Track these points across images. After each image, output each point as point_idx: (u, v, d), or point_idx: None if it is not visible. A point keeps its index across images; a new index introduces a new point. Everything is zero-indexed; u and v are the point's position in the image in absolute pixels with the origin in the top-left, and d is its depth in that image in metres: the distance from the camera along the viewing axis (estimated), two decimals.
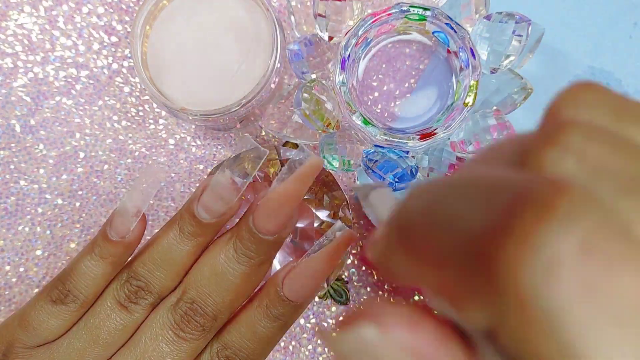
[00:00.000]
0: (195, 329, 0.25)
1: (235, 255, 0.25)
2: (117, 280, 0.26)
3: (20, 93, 0.38)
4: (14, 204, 0.38)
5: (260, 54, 0.32)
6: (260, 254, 0.25)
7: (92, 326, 0.26)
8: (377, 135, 0.31)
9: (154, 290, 0.26)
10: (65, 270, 0.26)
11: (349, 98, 0.31)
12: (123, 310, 0.26)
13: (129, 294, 0.26)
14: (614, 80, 0.37)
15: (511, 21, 0.31)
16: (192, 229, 0.25)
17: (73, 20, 0.38)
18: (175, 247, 0.26)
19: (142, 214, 0.26)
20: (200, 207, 0.25)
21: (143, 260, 0.26)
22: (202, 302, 0.25)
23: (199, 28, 0.33)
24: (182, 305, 0.25)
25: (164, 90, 0.33)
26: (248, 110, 0.33)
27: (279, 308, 0.26)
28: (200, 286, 0.25)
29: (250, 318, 0.26)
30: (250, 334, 0.26)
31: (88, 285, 0.26)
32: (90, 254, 0.26)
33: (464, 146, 0.32)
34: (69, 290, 0.26)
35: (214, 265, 0.25)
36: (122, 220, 0.26)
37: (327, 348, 0.30)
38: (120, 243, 0.26)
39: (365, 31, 0.31)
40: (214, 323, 0.26)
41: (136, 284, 0.26)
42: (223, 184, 0.25)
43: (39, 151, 0.38)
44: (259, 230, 0.25)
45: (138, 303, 0.26)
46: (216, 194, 0.25)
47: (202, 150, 0.38)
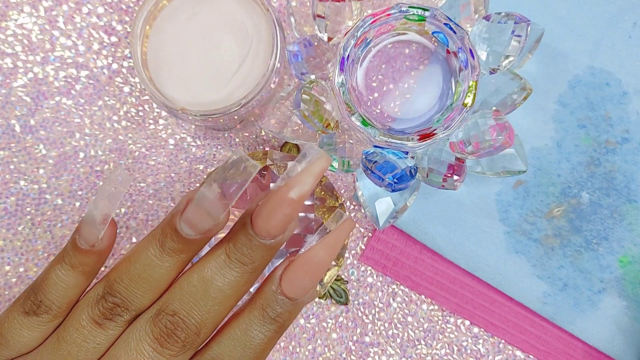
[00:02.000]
0: (175, 344, 0.23)
1: (227, 261, 0.24)
2: (91, 295, 0.25)
3: (20, 93, 0.38)
4: (14, 204, 0.38)
5: (260, 54, 0.32)
6: (254, 260, 0.24)
7: (64, 342, 0.24)
8: (377, 135, 0.31)
9: (131, 307, 0.24)
10: (37, 280, 0.25)
11: (348, 99, 0.31)
12: (97, 327, 0.24)
13: (104, 310, 0.24)
14: (614, 80, 0.37)
15: (510, 21, 0.31)
16: (173, 245, 0.24)
17: (73, 20, 0.38)
18: (155, 264, 0.24)
19: (110, 220, 0.25)
20: (184, 222, 0.23)
21: (120, 275, 0.24)
22: (185, 314, 0.23)
23: (199, 28, 0.33)
24: (162, 318, 0.24)
25: (164, 90, 0.33)
26: (248, 110, 0.33)
27: (276, 308, 0.24)
28: (185, 295, 0.24)
29: (245, 323, 0.24)
30: (244, 341, 0.24)
31: (60, 296, 0.25)
32: (60, 263, 0.25)
33: (463, 147, 0.32)
34: (40, 301, 0.24)
35: (203, 272, 0.24)
36: (90, 229, 0.24)
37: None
38: (90, 252, 0.25)
39: (364, 32, 0.31)
40: (196, 338, 0.24)
41: (112, 300, 0.24)
42: (210, 199, 0.23)
43: (39, 151, 0.38)
44: (258, 232, 0.23)
45: (113, 320, 0.24)
46: (202, 209, 0.23)
47: (202, 150, 0.38)
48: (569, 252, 0.37)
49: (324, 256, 0.24)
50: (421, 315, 0.39)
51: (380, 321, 0.38)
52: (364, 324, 0.38)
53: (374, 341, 0.38)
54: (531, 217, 0.37)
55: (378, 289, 0.39)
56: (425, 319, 0.39)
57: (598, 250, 0.37)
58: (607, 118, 0.37)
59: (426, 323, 0.39)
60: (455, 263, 0.38)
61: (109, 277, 0.25)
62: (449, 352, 0.38)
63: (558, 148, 0.37)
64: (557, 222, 0.37)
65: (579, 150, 0.37)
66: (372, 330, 0.38)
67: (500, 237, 0.37)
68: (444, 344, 0.38)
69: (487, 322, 0.38)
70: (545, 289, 0.37)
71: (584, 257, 0.37)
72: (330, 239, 0.24)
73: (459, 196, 0.37)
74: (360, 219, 0.39)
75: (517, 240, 0.37)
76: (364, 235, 0.39)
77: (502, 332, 0.38)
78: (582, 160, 0.37)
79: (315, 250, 0.24)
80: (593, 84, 0.37)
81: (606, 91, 0.37)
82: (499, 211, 0.37)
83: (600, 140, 0.37)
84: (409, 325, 0.39)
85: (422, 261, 0.38)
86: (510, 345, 0.38)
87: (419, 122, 0.33)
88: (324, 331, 0.38)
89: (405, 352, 0.38)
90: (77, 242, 0.25)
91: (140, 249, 0.24)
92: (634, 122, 0.37)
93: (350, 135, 0.33)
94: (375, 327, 0.38)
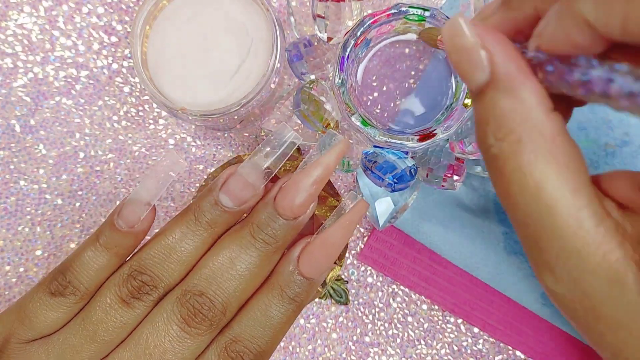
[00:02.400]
0: (202, 323, 0.24)
1: (252, 241, 0.25)
2: (119, 273, 0.25)
3: (20, 93, 0.38)
4: (14, 204, 0.38)
5: (260, 54, 0.32)
6: (278, 239, 0.25)
7: (89, 322, 0.25)
8: (376, 136, 0.31)
9: (160, 285, 0.25)
10: (67, 261, 0.25)
11: (348, 99, 0.31)
12: (124, 307, 0.24)
13: (133, 289, 0.24)
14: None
15: None
16: (210, 218, 0.25)
17: (73, 20, 0.38)
18: (190, 236, 0.25)
19: (153, 204, 0.25)
20: (224, 194, 0.25)
21: (151, 251, 0.25)
22: (212, 294, 0.24)
23: (198, 28, 0.33)
24: (190, 298, 0.24)
25: (164, 90, 0.33)
26: (248, 110, 0.33)
27: (294, 287, 0.25)
28: (212, 275, 0.24)
29: (264, 302, 0.25)
30: (265, 320, 0.25)
31: (90, 277, 0.25)
32: (94, 244, 0.25)
33: (463, 147, 0.32)
34: (69, 281, 0.25)
35: (228, 252, 0.25)
36: (133, 209, 0.25)
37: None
38: (128, 233, 0.25)
39: (364, 32, 0.31)
40: (222, 317, 0.24)
41: (141, 278, 0.24)
42: (254, 168, 0.25)
43: (39, 151, 0.38)
44: (282, 211, 0.24)
45: (141, 299, 0.25)
46: (245, 180, 0.25)
47: (202, 150, 0.38)
48: None
49: (341, 236, 0.25)
50: (421, 315, 0.39)
51: (380, 321, 0.38)
52: (364, 324, 0.38)
53: (374, 341, 0.38)
54: None
55: (378, 289, 0.39)
56: (425, 319, 0.39)
57: None
58: (607, 121, 0.37)
59: (426, 323, 0.39)
60: (453, 263, 0.38)
61: (139, 255, 0.25)
62: (449, 352, 0.38)
63: None
64: None
65: None
66: (372, 330, 0.38)
67: (499, 237, 0.37)
68: (444, 344, 0.38)
69: (485, 322, 0.38)
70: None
71: None
72: (346, 220, 0.25)
73: (459, 196, 0.37)
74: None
75: (516, 241, 0.37)
76: (363, 235, 0.39)
77: (500, 333, 0.38)
78: None
79: (332, 231, 0.25)
80: None
81: None
82: (498, 212, 0.37)
83: (600, 143, 0.37)
84: (409, 325, 0.39)
85: (421, 261, 0.38)
86: (509, 346, 0.38)
87: (419, 122, 0.33)
88: (324, 331, 0.38)
89: (405, 352, 0.38)
90: (115, 222, 0.25)
91: (173, 224, 0.25)
92: (634, 126, 0.37)
93: (350, 135, 0.33)
94: (375, 327, 0.38)
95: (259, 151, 0.25)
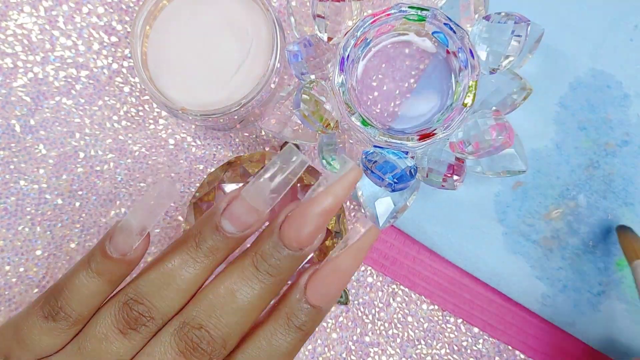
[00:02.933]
0: (202, 358, 0.23)
1: (255, 272, 0.23)
2: (115, 301, 0.24)
3: (20, 93, 0.38)
4: (14, 204, 0.38)
5: (260, 54, 0.32)
6: (282, 271, 0.23)
7: (84, 350, 0.24)
8: (376, 135, 0.31)
9: (157, 315, 0.24)
10: (59, 283, 0.25)
11: (348, 99, 0.31)
12: (120, 337, 0.23)
13: (129, 319, 0.23)
14: (615, 82, 0.37)
15: (510, 21, 0.31)
16: (212, 244, 0.24)
17: (73, 20, 0.38)
18: (190, 264, 0.24)
19: (147, 232, 0.24)
20: (226, 219, 0.23)
21: (149, 278, 0.24)
22: (212, 327, 0.23)
23: (199, 28, 0.33)
24: (188, 331, 0.23)
25: (164, 90, 0.33)
26: (248, 110, 0.33)
27: (301, 316, 0.24)
28: (211, 308, 0.23)
29: (270, 332, 0.24)
30: (270, 350, 0.24)
31: (81, 303, 0.24)
32: (86, 269, 0.24)
33: (463, 147, 0.32)
34: (60, 307, 0.24)
35: (229, 284, 0.23)
36: (125, 238, 0.24)
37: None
38: (120, 261, 0.24)
39: (364, 32, 0.31)
40: (222, 350, 0.23)
41: (137, 308, 0.23)
42: (260, 191, 0.23)
43: (39, 151, 0.38)
44: (288, 243, 0.23)
45: (138, 330, 0.23)
46: (248, 205, 0.23)
47: (202, 150, 0.38)
48: (567, 255, 0.37)
49: (351, 265, 0.24)
50: (421, 315, 0.38)
51: (380, 321, 0.38)
52: (364, 324, 0.38)
53: (374, 341, 0.38)
54: (529, 219, 0.37)
55: (378, 288, 0.39)
56: (425, 319, 0.38)
57: (595, 252, 0.37)
58: (607, 120, 0.37)
59: (426, 323, 0.38)
60: (453, 263, 0.38)
61: (136, 282, 0.24)
62: (449, 352, 0.38)
63: (558, 150, 0.37)
64: (555, 224, 0.37)
65: (579, 152, 0.37)
66: (372, 330, 0.38)
67: (499, 237, 0.37)
68: (444, 344, 0.38)
69: (485, 322, 0.38)
70: (545, 290, 0.37)
71: (582, 259, 0.37)
72: (356, 248, 0.24)
73: (459, 196, 0.37)
74: (360, 218, 0.39)
75: (516, 241, 0.37)
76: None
77: (500, 333, 0.38)
78: (581, 163, 0.37)
79: (342, 259, 0.24)
80: (594, 86, 0.37)
81: (607, 93, 0.37)
82: (498, 212, 0.37)
83: (600, 142, 0.37)
84: (409, 325, 0.38)
85: (421, 261, 0.38)
86: (510, 346, 0.38)
87: (419, 122, 0.33)
88: (324, 331, 0.38)
89: (405, 352, 0.38)
90: (107, 249, 0.24)
91: (172, 250, 0.24)
92: (634, 125, 0.37)
93: (350, 135, 0.33)
94: (375, 327, 0.38)
95: (265, 173, 0.23)
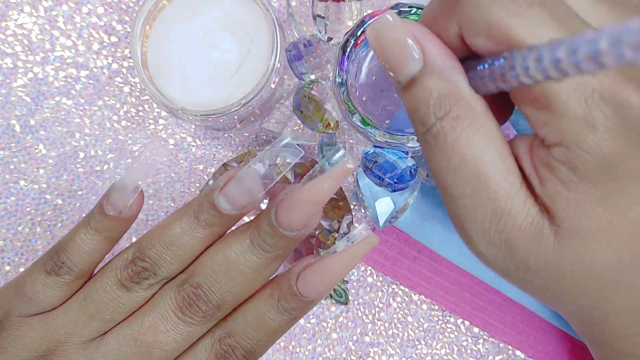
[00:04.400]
0: (196, 314, 0.25)
1: (250, 246, 0.25)
2: (120, 258, 0.26)
3: (20, 93, 0.38)
4: (14, 204, 0.38)
5: (260, 54, 0.32)
6: (276, 248, 0.25)
7: (90, 301, 0.26)
8: (377, 136, 0.31)
9: (159, 272, 0.25)
10: (61, 241, 0.26)
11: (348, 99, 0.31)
12: (123, 290, 0.25)
13: (132, 274, 0.25)
14: None
15: None
16: (208, 218, 0.25)
17: (73, 20, 0.38)
18: (188, 234, 0.25)
19: (140, 190, 0.26)
20: (222, 197, 0.25)
21: (152, 241, 0.25)
22: (207, 289, 0.25)
23: (199, 28, 0.33)
24: (186, 288, 0.25)
25: (163, 90, 0.33)
26: (248, 110, 0.33)
27: (290, 302, 0.25)
28: (209, 272, 0.25)
29: (260, 308, 0.25)
30: (257, 324, 0.25)
31: (82, 258, 0.26)
32: (86, 227, 0.26)
33: None
34: (62, 262, 0.26)
35: (227, 253, 0.25)
36: (120, 195, 0.26)
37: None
38: (117, 218, 0.26)
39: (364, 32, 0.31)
40: (216, 312, 0.25)
41: (141, 264, 0.25)
42: (252, 176, 0.25)
43: (39, 151, 0.38)
44: (281, 223, 0.24)
45: (140, 284, 0.25)
46: (243, 186, 0.25)
47: (202, 150, 0.38)
48: None
49: (343, 267, 0.25)
50: (421, 315, 0.38)
51: (380, 321, 0.38)
52: (364, 324, 0.38)
53: (374, 341, 0.38)
54: None
55: (378, 288, 0.39)
56: (425, 319, 0.39)
57: None
58: None
59: (426, 323, 0.39)
60: (453, 263, 0.38)
61: (140, 243, 0.26)
62: (449, 352, 0.38)
63: None
64: None
65: None
66: (372, 330, 0.38)
67: None
68: (444, 344, 0.38)
69: (485, 322, 0.38)
70: None
71: None
72: (352, 252, 0.25)
73: None
74: (360, 219, 0.39)
75: None
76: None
77: (500, 333, 0.38)
78: None
79: (335, 260, 0.25)
80: None
81: None
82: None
83: None
84: (409, 325, 0.39)
85: (421, 260, 0.38)
86: (510, 346, 0.38)
87: None
88: (324, 331, 0.38)
89: (405, 352, 0.38)
90: (105, 208, 0.26)
91: (175, 219, 0.26)
92: None
93: (350, 135, 0.33)
94: (375, 327, 0.38)
95: (261, 158, 0.25)
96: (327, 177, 0.24)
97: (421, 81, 0.22)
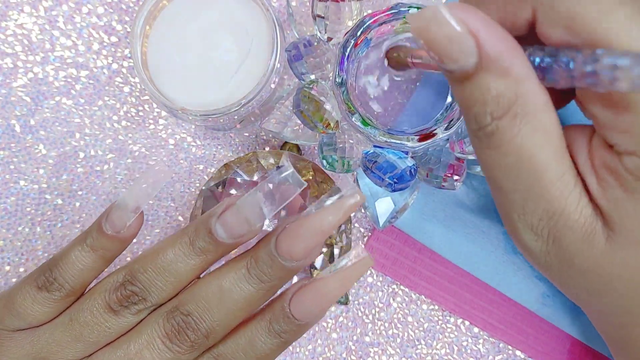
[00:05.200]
0: (184, 342, 0.24)
1: (246, 275, 0.24)
2: (110, 280, 0.25)
3: (20, 93, 0.38)
4: (14, 204, 0.38)
5: (260, 54, 0.32)
6: (273, 279, 0.24)
7: (76, 322, 0.25)
8: (377, 135, 0.31)
9: (149, 298, 0.25)
10: (55, 257, 0.26)
11: (348, 99, 0.31)
12: (111, 313, 0.25)
13: (122, 297, 0.25)
14: None
15: None
16: (204, 245, 0.24)
17: (73, 20, 0.38)
18: (182, 260, 0.25)
19: (140, 210, 0.26)
20: (220, 225, 0.24)
21: (144, 265, 0.25)
22: (198, 317, 0.24)
23: (199, 28, 0.33)
24: (176, 316, 0.24)
25: (164, 90, 0.33)
26: (248, 110, 0.33)
27: (282, 325, 0.24)
28: (201, 300, 0.24)
29: (251, 331, 0.25)
30: (248, 348, 0.25)
31: (75, 276, 0.25)
32: (81, 244, 0.25)
33: (463, 147, 0.32)
34: (54, 278, 0.25)
35: (222, 282, 0.24)
36: (120, 215, 0.25)
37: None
38: (115, 237, 0.25)
39: (364, 32, 0.31)
40: (205, 341, 0.24)
41: (131, 288, 0.25)
42: (253, 206, 0.24)
43: (39, 151, 0.38)
44: (281, 253, 0.24)
45: (129, 308, 0.25)
46: (242, 215, 0.24)
47: (202, 150, 0.38)
48: None
49: (337, 289, 0.24)
50: (421, 315, 0.39)
51: (380, 321, 0.38)
52: (364, 324, 0.38)
53: (374, 341, 0.38)
54: None
55: (378, 289, 0.39)
56: (425, 319, 0.39)
57: None
58: None
59: (426, 323, 0.39)
60: (454, 263, 0.38)
61: (132, 266, 0.25)
62: (449, 352, 0.38)
63: None
64: None
65: None
66: (372, 330, 0.38)
67: (499, 237, 0.37)
68: (444, 344, 0.39)
69: (485, 322, 0.38)
70: (544, 290, 0.37)
71: None
72: (345, 274, 0.24)
73: (459, 196, 0.37)
74: (360, 218, 0.39)
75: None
76: (364, 235, 0.39)
77: (500, 333, 0.38)
78: None
79: (329, 282, 0.24)
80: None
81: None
82: (498, 211, 0.37)
83: None
84: (409, 325, 0.39)
85: (421, 261, 0.38)
86: (510, 346, 0.38)
87: (419, 122, 0.33)
88: (324, 331, 0.38)
89: (405, 352, 0.38)
90: (103, 226, 0.25)
91: (169, 244, 0.25)
92: None
93: (350, 135, 0.33)
94: (375, 327, 0.38)
95: (260, 188, 0.24)
96: (334, 208, 0.23)
97: (477, 78, 0.20)
